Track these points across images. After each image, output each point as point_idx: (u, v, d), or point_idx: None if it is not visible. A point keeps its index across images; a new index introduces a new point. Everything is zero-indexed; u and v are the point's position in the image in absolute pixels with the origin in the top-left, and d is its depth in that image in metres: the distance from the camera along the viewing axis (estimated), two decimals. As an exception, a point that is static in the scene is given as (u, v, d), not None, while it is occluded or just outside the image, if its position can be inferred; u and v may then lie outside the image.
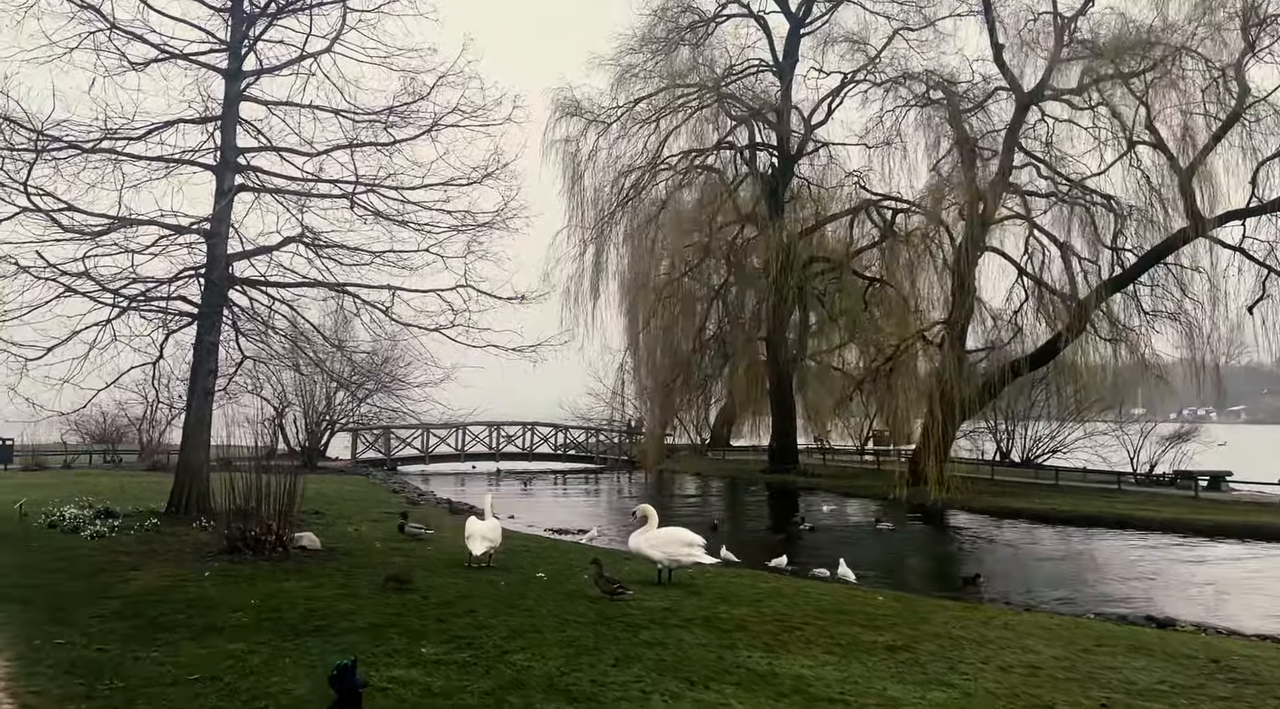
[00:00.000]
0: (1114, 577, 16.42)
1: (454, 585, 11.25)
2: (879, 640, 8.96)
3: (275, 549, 13.03)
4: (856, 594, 11.91)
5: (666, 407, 34.82)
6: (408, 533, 15.54)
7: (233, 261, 18.40)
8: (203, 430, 17.64)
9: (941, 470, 26.03)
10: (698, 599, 10.90)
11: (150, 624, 8.90)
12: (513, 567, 13.08)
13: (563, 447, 44.14)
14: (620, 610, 10.01)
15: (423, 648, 8.06)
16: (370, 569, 12.24)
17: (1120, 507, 24.12)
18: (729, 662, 7.95)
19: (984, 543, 20.70)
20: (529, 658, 7.84)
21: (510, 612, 9.72)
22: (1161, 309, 27.46)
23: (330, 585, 11.00)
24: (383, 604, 9.94)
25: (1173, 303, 27.23)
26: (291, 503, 13.43)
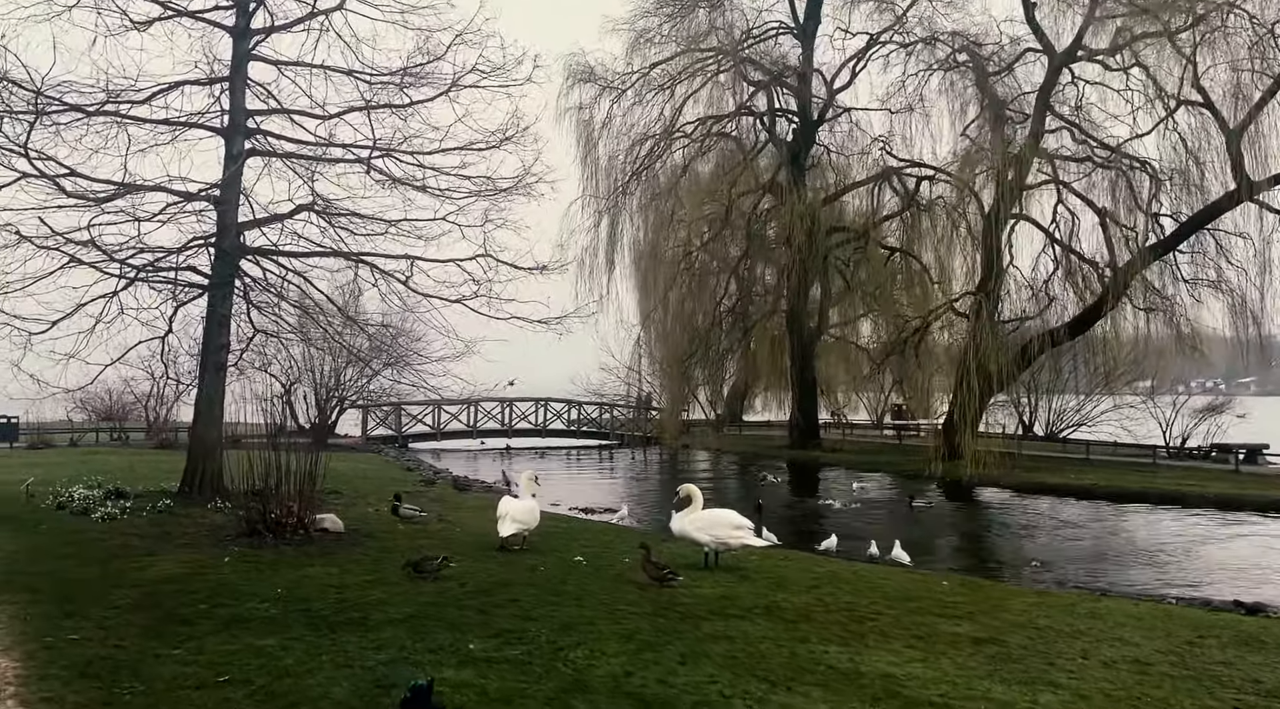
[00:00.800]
0: (1175, 556, 15.56)
1: (489, 571, 10.54)
2: (961, 632, 8.24)
3: (296, 532, 12.32)
4: (919, 579, 11.20)
5: (683, 381, 34.02)
6: (402, 516, 14.59)
7: (244, 230, 17.61)
8: (215, 407, 16.90)
9: (977, 445, 25.25)
10: (751, 585, 10.19)
11: (170, 616, 8.20)
12: (546, 549, 12.37)
13: (576, 423, 43.47)
14: (673, 599, 9.30)
15: (470, 644, 7.35)
16: (398, 553, 11.52)
17: (1162, 482, 23.34)
18: (805, 658, 7.23)
19: (1028, 521, 19.83)
20: (587, 655, 7.13)
21: (555, 601, 9.01)
22: (1202, 277, 26.53)
23: (358, 571, 10.30)
24: (416, 593, 9.24)
25: (1214, 270, 26.31)
26: (313, 483, 12.71)
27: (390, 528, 13.72)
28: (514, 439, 41.40)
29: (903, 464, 29.79)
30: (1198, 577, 13.36)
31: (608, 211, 35.60)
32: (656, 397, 43.44)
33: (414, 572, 9.81)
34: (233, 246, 17.14)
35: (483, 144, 17.96)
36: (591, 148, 35.50)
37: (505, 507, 12.40)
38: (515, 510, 12.29)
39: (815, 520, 19.31)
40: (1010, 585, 11.22)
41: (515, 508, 12.35)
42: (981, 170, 28.08)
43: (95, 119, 16.11)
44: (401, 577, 9.91)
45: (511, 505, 12.41)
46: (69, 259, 15.91)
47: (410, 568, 9.87)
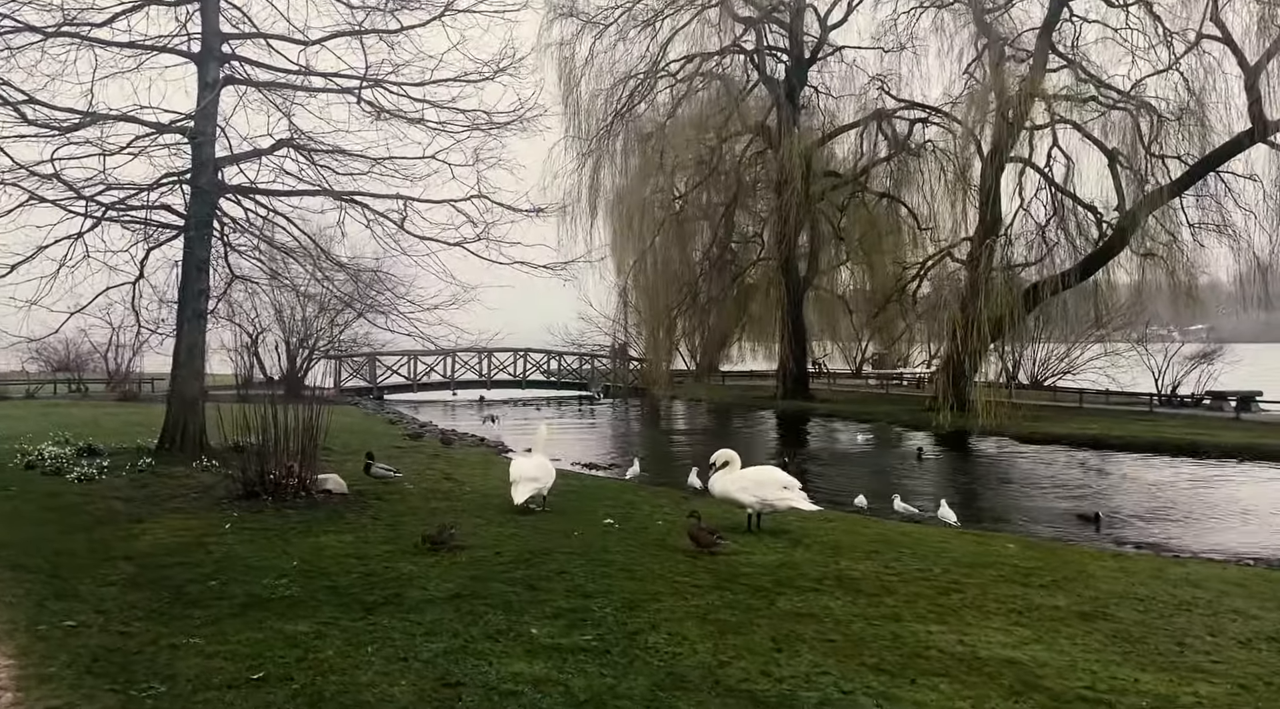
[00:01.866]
0: (1224, 510, 14.81)
1: (521, 538, 9.63)
2: (1061, 605, 7.50)
3: (298, 494, 11.33)
4: (978, 540, 10.47)
5: (671, 330, 33.08)
6: (374, 475, 13.47)
7: (221, 166, 16.31)
8: (196, 358, 15.75)
9: (988, 395, 24.67)
10: (808, 551, 9.38)
11: (177, 596, 7.22)
12: (569, 511, 11.49)
13: (557, 373, 42.49)
14: (731, 568, 8.47)
15: (531, 628, 6.46)
16: (415, 517, 10.61)
17: (1171, 431, 22.89)
18: (910, 641, 6.43)
19: (1050, 473, 19.09)
20: (668, 640, 6.27)
21: (606, 572, 8.13)
22: (1207, 221, 25.86)
23: (377, 540, 9.35)
24: (450, 565, 8.31)
25: (1220, 214, 25.63)
26: (315, 440, 11.68)
27: (396, 488, 12.75)
28: (492, 390, 40.39)
29: (898, 414, 29.20)
30: (1263, 535, 12.66)
31: (590, 155, 34.29)
32: (635, 346, 42.56)
33: (431, 546, 8.79)
34: (210, 184, 15.86)
35: (476, 75, 16.79)
36: (573, 87, 34.06)
37: (518, 469, 11.46)
38: (529, 470, 11.37)
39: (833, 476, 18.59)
40: (1077, 547, 10.53)
41: (529, 467, 11.43)
42: (982, 111, 27.12)
43: (53, 42, 14.70)
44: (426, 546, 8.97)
45: (524, 466, 11.47)
46: (29, 196, 14.57)
47: (428, 542, 8.85)
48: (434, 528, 9.08)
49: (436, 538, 8.85)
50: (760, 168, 34.33)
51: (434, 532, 8.96)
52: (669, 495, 13.50)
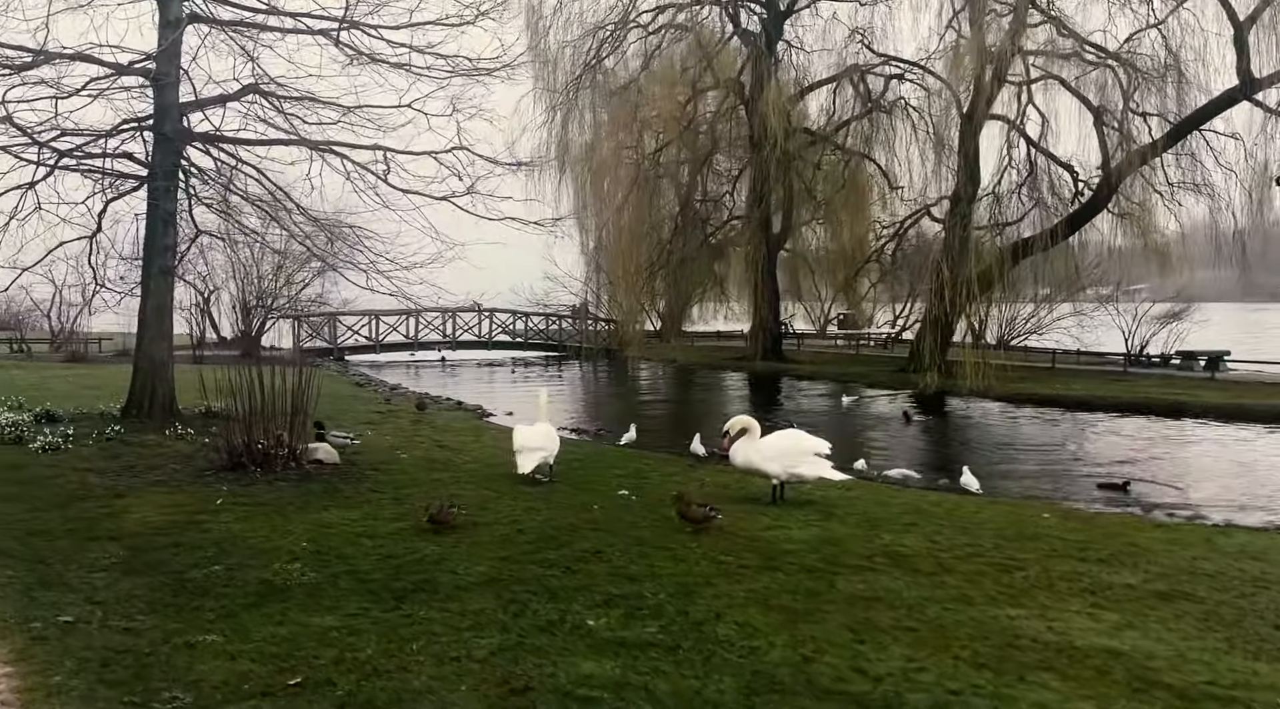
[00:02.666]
0: (1231, 473, 14.52)
1: (538, 512, 9.03)
2: (1131, 583, 7.08)
3: (288, 465, 10.59)
4: (1011, 510, 10.04)
5: (642, 290, 32.35)
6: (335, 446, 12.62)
7: (186, 112, 15.24)
8: (165, 319, 14.81)
9: (976, 356, 24.41)
10: (843, 524, 8.89)
11: (180, 583, 6.52)
12: (577, 481, 10.89)
13: (523, 334, 41.64)
14: (771, 545, 7.95)
15: (587, 618, 5.88)
16: (419, 490, 9.94)
17: (1154, 391, 22.84)
18: (995, 628, 5.95)
19: (1046, 434, 18.61)
20: (739, 632, 5.72)
21: (642, 551, 7.57)
22: (1186, 180, 25.65)
23: (386, 516, 8.68)
24: (473, 544, 7.69)
25: (1200, 173, 25.45)
26: (304, 407, 10.92)
27: (391, 458, 12.04)
28: (458, 351, 39.44)
29: (876, 375, 28.90)
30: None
31: (559, 108, 33.21)
32: (602, 307, 41.83)
33: (434, 525, 8.07)
34: (175, 131, 14.83)
35: (456, 19, 15.88)
36: (541, 37, 32.81)
37: (523, 437, 10.80)
38: (534, 438, 10.73)
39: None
40: (1114, 516, 10.17)
41: (534, 436, 10.78)
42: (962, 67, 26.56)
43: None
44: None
45: (530, 435, 10.82)
46: (-25, 142, 13.47)
47: (430, 521, 8.11)
48: (434, 505, 8.34)
49: (439, 516, 8.12)
50: (733, 124, 33.53)
51: (435, 509, 8.22)
52: (675, 463, 12.95)
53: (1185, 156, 25.29)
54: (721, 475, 11.93)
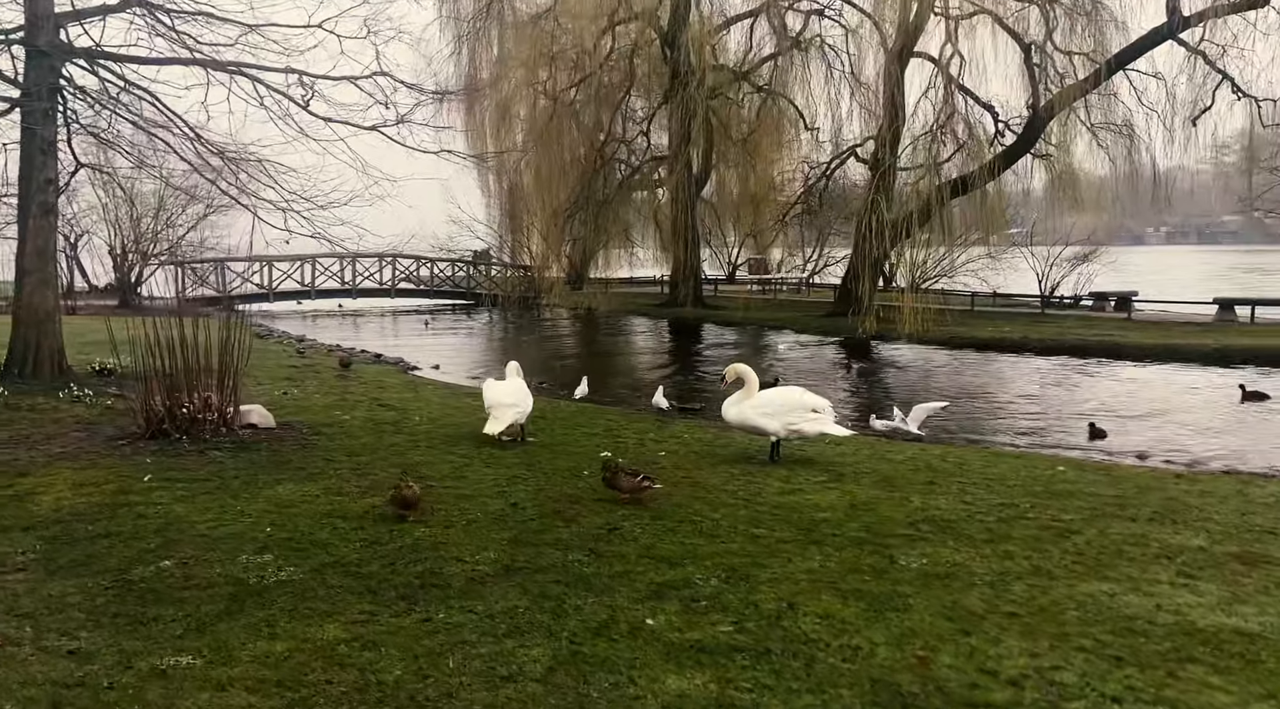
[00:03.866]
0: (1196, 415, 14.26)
1: (525, 482, 8.00)
2: (1202, 546, 6.49)
3: (219, 430, 9.25)
4: (1021, 463, 9.44)
5: (559, 234, 31.01)
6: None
7: (63, 24, 13.30)
8: (48, 263, 13.01)
9: (915, 301, 24.11)
10: (861, 486, 8.13)
11: (125, 585, 5.34)
12: (551, 443, 9.87)
13: (429, 281, 39.77)
14: (797, 512, 7.13)
15: (644, 617, 4.94)
16: (376, 457, 8.79)
17: (1086, 332, 22.95)
18: (1100, 609, 5.24)
19: (999, 379, 18.31)
20: (826, 628, 4.87)
21: (666, 526, 6.65)
22: (1110, 122, 25.67)
23: (351, 491, 7.52)
24: (469, 523, 6.65)
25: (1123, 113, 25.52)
26: (235, 363, 9.56)
27: (332, 420, 10.77)
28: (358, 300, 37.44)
29: (805, 320, 28.45)
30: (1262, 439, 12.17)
31: (466, 39, 31.32)
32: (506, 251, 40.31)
33: (400, 510, 6.67)
34: (51, 45, 12.91)
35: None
36: (445, -41, 30.82)
37: (494, 393, 9.74)
38: (506, 395, 9.69)
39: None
40: (1128, 467, 9.70)
41: (506, 392, 9.74)
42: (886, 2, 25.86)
43: None
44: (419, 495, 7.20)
45: (501, 391, 9.76)
46: None
47: (396, 506, 6.69)
48: (401, 487, 6.71)
49: (404, 498, 6.65)
50: (649, 60, 32.20)
51: (400, 491, 6.67)
52: (643, 419, 12.04)
53: (1108, 96, 25.24)
54: (696, 431, 11.11)
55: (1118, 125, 25.48)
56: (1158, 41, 24.36)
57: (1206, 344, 19.40)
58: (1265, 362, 18.69)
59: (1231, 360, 18.85)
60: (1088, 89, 24.49)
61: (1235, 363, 18.72)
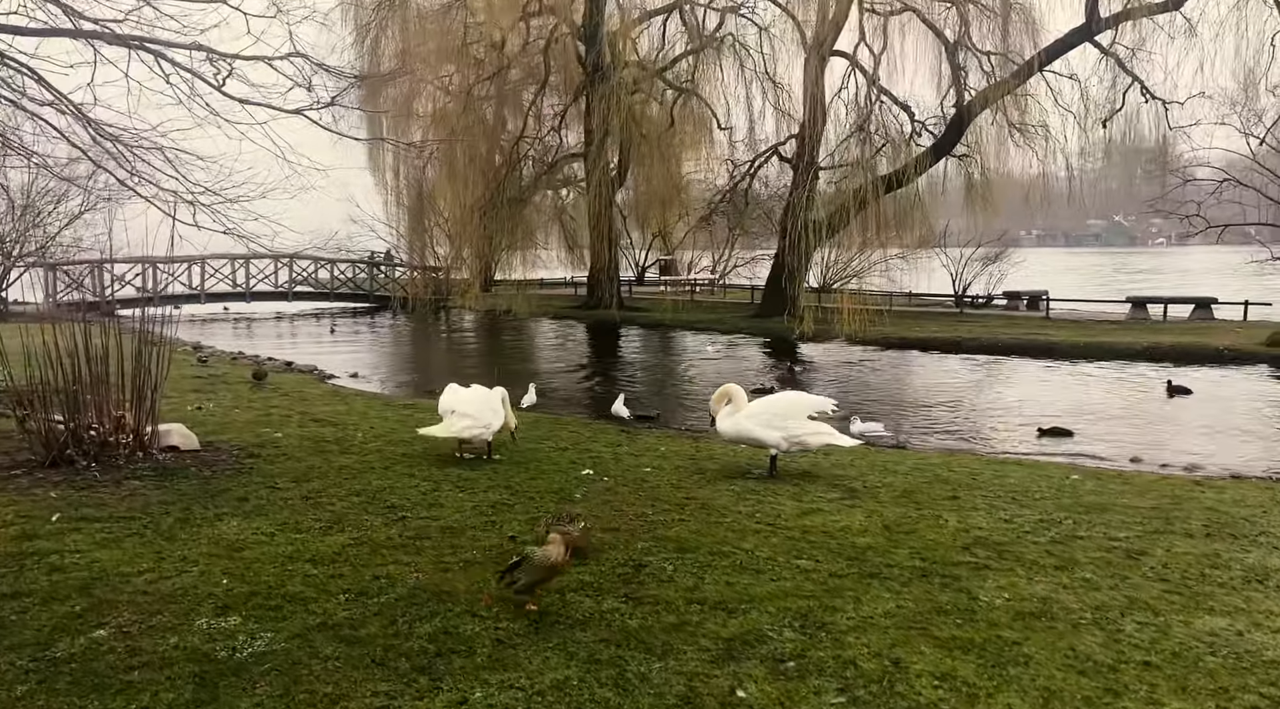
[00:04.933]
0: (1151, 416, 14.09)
1: (520, 510, 6.97)
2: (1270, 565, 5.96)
3: (134, 455, 7.92)
4: (1032, 471, 8.82)
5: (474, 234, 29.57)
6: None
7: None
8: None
9: (849, 302, 23.72)
10: (881, 504, 7.35)
11: (51, 667, 4.17)
12: (524, 460, 8.81)
13: (329, 283, 37.72)
14: (837, 539, 6.32)
15: (729, 686, 4.01)
16: (328, 481, 7.62)
17: (1019, 332, 22.92)
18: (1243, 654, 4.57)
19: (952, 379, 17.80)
20: (955, 696, 4.05)
21: (701, 561, 5.73)
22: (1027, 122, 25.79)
23: (310, 524, 6.37)
24: (462, 564, 5.60)
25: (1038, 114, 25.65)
26: (156, 377, 8.23)
27: (263, 439, 9.46)
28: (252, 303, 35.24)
29: (733, 321, 27.82)
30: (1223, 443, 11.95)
31: (370, 28, 29.66)
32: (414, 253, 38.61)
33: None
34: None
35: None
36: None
37: (452, 399, 8.68)
38: (464, 403, 8.63)
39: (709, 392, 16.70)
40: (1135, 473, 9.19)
41: (464, 400, 8.67)
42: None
43: None
44: (387, 523, 6.13)
45: (460, 399, 8.69)
46: None
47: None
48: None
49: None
50: (561, 56, 31.16)
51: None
52: (605, 429, 11.07)
53: (1024, 97, 25.37)
54: (669, 442, 10.25)
55: (1034, 126, 25.64)
56: (1076, 42, 24.60)
57: (1139, 342, 19.49)
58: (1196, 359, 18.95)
59: (1162, 358, 19.00)
60: (1008, 90, 24.53)
61: (1164, 360, 18.88)
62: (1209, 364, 18.82)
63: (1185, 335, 21.52)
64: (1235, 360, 18.98)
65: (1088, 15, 23.91)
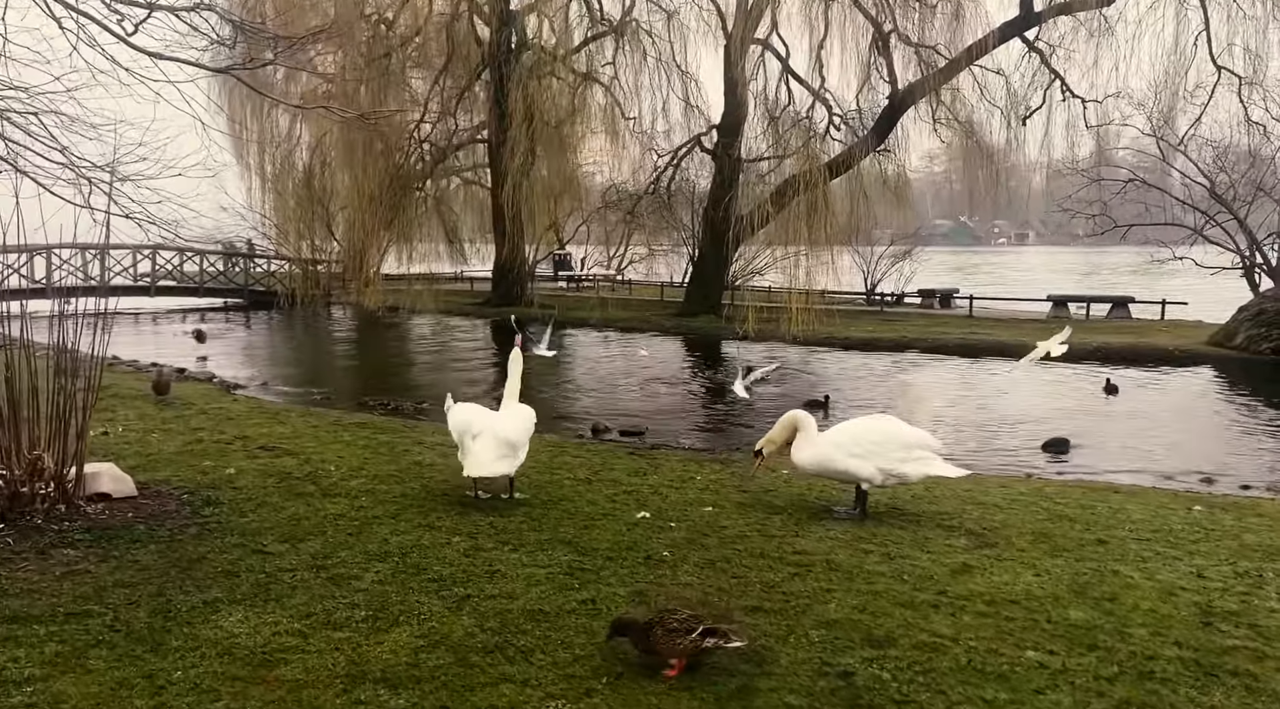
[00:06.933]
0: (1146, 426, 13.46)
1: (610, 573, 5.38)
2: None
3: (56, 508, 5.93)
4: (1140, 502, 7.65)
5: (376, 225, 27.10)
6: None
7: None
8: None
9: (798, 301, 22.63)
10: (1029, 554, 6.08)
11: None
12: (549, 498, 7.17)
13: (196, 278, 34.23)
14: (1034, 616, 5.02)
15: None
16: (334, 540, 5.82)
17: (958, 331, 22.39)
18: None
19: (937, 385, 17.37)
20: None
21: (898, 657, 4.32)
22: (951, 117, 25.29)
23: (347, 617, 4.64)
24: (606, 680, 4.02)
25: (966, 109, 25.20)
26: (83, 406, 6.24)
27: (213, 476, 7.47)
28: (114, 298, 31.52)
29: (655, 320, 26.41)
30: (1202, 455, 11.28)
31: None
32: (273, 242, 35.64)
33: None
34: None
35: None
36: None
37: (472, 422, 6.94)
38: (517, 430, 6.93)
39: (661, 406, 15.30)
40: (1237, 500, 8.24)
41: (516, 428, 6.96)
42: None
43: None
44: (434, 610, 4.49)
45: (508, 426, 6.93)
46: None
47: None
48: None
49: None
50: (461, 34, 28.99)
51: None
52: (615, 454, 9.44)
53: (951, 90, 24.91)
54: (698, 468, 8.75)
55: (960, 122, 25.25)
56: (1011, 35, 24.26)
57: (1088, 342, 19.09)
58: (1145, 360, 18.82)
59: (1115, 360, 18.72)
60: (939, 83, 23.99)
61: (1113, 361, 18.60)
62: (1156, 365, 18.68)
63: (1126, 335, 21.47)
64: (1180, 361, 18.91)
65: (1021, 9, 23.61)
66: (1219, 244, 27.47)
